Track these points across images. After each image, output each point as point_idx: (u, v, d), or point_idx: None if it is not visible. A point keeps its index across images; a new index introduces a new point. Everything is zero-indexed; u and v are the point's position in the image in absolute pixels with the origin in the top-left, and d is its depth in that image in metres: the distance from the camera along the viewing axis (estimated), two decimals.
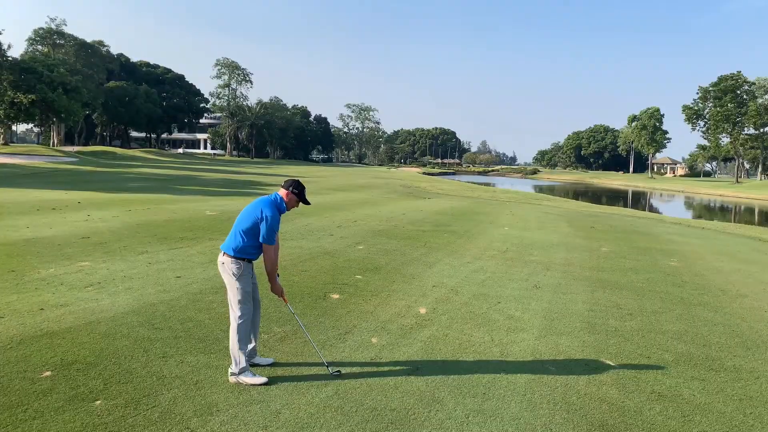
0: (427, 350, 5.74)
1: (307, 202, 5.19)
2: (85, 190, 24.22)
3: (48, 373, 4.65)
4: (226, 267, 4.88)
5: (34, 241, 10.63)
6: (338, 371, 5.01)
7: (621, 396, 4.86)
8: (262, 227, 4.81)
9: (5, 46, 57.81)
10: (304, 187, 5.09)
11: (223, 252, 4.93)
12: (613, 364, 5.63)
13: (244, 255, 4.87)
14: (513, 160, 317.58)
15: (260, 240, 4.83)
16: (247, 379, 4.72)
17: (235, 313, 4.85)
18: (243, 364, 4.75)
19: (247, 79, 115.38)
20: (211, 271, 8.67)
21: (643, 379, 5.27)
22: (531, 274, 10.01)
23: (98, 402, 4.21)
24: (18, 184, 26.43)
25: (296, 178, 5.13)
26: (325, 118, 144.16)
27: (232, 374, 4.75)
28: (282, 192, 5.00)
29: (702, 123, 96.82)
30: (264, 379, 4.75)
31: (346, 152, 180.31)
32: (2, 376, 4.55)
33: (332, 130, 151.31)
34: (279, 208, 4.93)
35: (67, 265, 8.66)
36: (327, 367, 5.03)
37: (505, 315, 7.20)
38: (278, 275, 5.05)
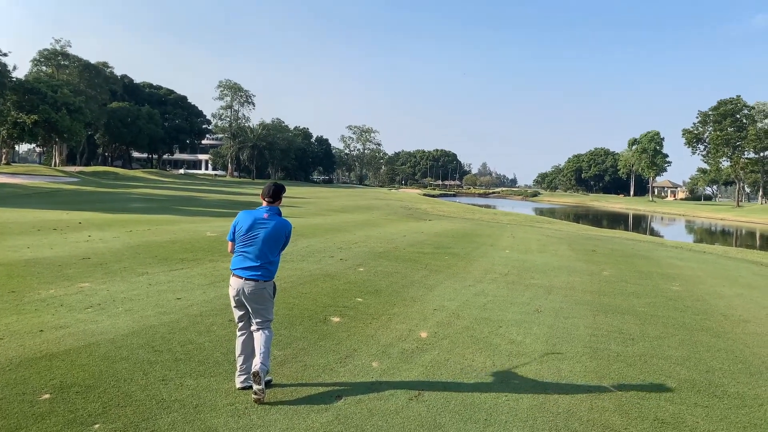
0: (428, 375, 5.70)
1: (269, 196, 5.23)
2: (86, 210, 24.26)
3: (47, 396, 4.62)
4: None
5: (34, 261, 10.62)
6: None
7: (624, 422, 4.82)
8: None
9: (10, 68, 58.33)
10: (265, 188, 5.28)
11: None
12: (615, 390, 5.59)
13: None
14: (513, 182, 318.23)
15: None
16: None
17: None
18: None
19: (250, 100, 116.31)
20: (212, 293, 8.64)
21: (646, 405, 5.23)
22: (532, 297, 9.97)
23: (97, 426, 4.17)
24: (19, 204, 26.47)
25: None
26: (327, 140, 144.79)
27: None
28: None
29: (702, 147, 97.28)
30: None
31: (347, 173, 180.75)
32: (1, 399, 4.52)
33: (333, 151, 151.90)
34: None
35: (67, 286, 8.64)
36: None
37: (507, 339, 7.16)
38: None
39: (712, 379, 6.10)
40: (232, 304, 5.13)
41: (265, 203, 5.20)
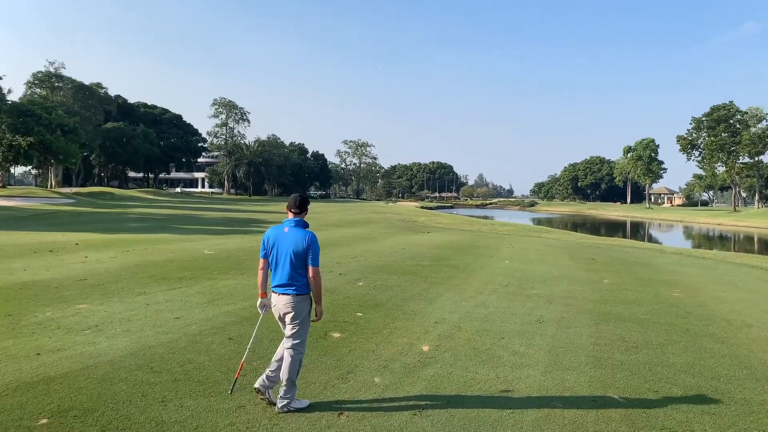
0: (431, 389, 5.63)
1: (295, 207, 5.21)
2: (83, 231, 24.18)
3: (44, 421, 4.53)
4: None
5: (30, 284, 10.54)
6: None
7: None
8: None
9: (5, 91, 58.47)
10: (290, 200, 5.26)
11: None
12: (621, 399, 5.52)
13: None
14: (510, 192, 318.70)
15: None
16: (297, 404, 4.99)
17: None
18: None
19: (245, 117, 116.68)
20: (211, 312, 8.57)
21: (653, 414, 5.16)
22: (533, 308, 9.91)
23: None
24: (15, 226, 26.38)
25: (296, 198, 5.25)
26: (323, 155, 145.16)
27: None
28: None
29: (697, 153, 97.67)
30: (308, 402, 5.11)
31: (344, 188, 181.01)
32: None
33: (329, 166, 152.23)
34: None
35: (64, 308, 8.56)
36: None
37: (510, 351, 7.10)
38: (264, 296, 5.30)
39: (718, 386, 6.04)
40: (276, 319, 5.19)
41: (290, 215, 5.16)
